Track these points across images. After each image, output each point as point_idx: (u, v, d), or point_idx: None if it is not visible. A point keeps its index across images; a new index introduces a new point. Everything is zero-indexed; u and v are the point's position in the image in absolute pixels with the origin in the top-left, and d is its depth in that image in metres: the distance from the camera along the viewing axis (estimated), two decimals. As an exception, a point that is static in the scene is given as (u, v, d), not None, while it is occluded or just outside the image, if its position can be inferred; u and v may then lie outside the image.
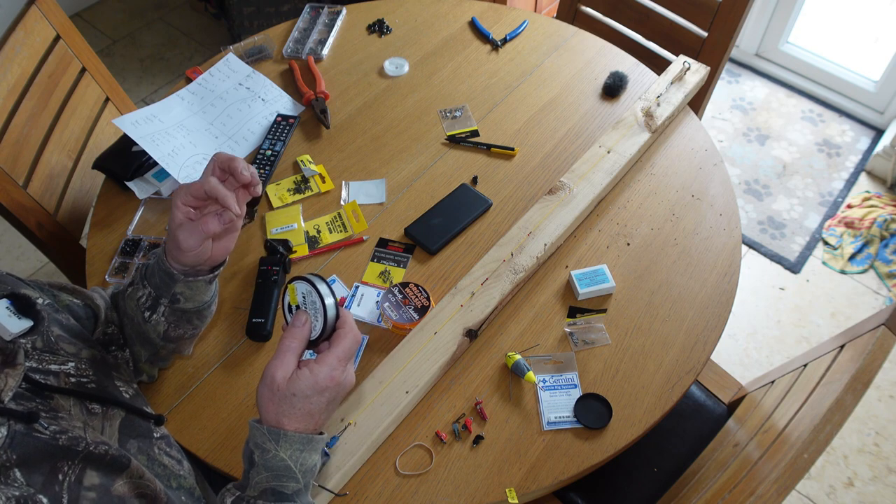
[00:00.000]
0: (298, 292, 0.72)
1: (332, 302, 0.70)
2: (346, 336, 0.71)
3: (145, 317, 0.84)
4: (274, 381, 0.68)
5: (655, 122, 1.26)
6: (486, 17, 1.54)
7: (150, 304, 0.83)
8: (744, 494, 0.79)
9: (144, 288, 0.83)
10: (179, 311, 0.84)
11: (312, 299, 0.70)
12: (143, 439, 0.78)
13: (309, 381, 0.68)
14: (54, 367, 0.71)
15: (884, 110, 2.41)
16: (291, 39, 1.48)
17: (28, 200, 1.27)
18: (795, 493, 1.68)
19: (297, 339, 0.70)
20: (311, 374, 0.68)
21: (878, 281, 2.05)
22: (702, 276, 1.10)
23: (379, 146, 1.30)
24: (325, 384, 0.68)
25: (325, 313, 0.69)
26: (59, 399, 0.68)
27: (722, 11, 1.51)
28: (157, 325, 0.85)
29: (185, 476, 0.82)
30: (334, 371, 0.69)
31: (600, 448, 0.93)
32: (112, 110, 1.49)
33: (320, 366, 0.69)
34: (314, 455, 0.70)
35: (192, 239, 0.76)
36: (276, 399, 0.68)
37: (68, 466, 0.62)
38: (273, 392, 0.68)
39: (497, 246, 1.10)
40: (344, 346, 0.70)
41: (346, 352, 0.70)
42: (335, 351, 0.70)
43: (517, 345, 1.03)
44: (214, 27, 2.84)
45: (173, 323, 0.85)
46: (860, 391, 0.79)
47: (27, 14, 1.27)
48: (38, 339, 0.71)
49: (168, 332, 0.86)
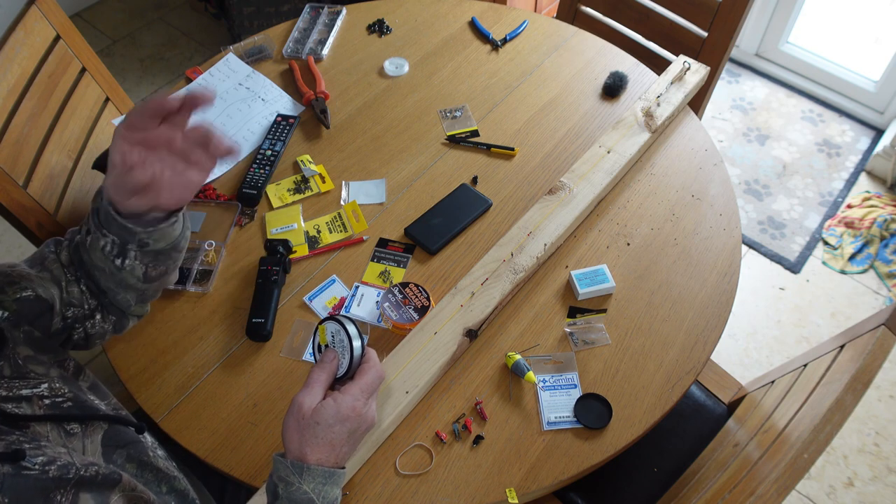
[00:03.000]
0: (328, 332, 0.77)
1: (360, 343, 0.75)
2: (370, 371, 0.75)
3: (117, 265, 0.76)
4: (301, 409, 0.71)
5: (655, 122, 1.26)
6: (486, 17, 1.54)
7: (118, 252, 0.75)
8: (744, 494, 0.79)
9: (105, 237, 0.74)
10: (152, 252, 0.76)
11: (341, 338, 0.75)
12: (130, 447, 0.76)
13: (332, 410, 0.71)
14: (26, 392, 0.68)
15: (884, 110, 2.41)
16: (291, 39, 1.48)
17: (28, 200, 1.27)
18: (795, 493, 1.68)
19: (325, 372, 0.74)
20: (335, 402, 0.72)
21: (878, 281, 2.05)
22: (702, 276, 1.10)
23: (379, 146, 1.30)
24: (347, 413, 0.72)
25: (352, 351, 0.74)
26: (35, 427, 0.67)
27: (722, 11, 1.51)
28: (133, 269, 0.77)
29: (177, 478, 0.82)
30: (356, 402, 0.73)
31: (600, 448, 0.93)
32: (112, 110, 1.49)
33: (343, 395, 0.73)
34: (335, 489, 0.72)
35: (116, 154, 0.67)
36: (300, 427, 0.71)
37: (61, 495, 0.61)
38: (298, 420, 0.71)
39: (497, 246, 1.10)
40: (367, 380, 0.74)
41: (368, 384, 0.74)
42: (358, 383, 0.74)
43: (517, 345, 1.03)
44: (214, 27, 2.84)
45: (150, 263, 0.78)
46: (860, 391, 0.79)
47: (27, 14, 1.27)
48: (4, 366, 0.68)
49: (148, 272, 0.78)
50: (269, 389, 0.99)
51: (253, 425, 0.96)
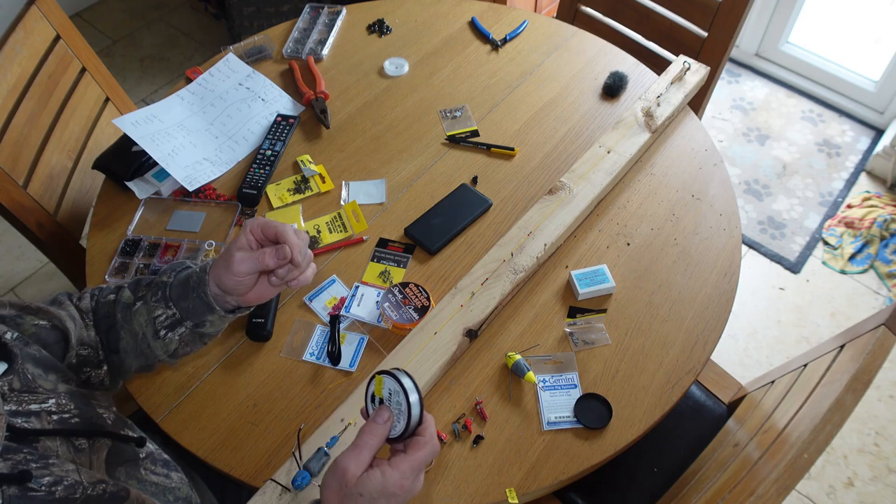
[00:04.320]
0: (385, 387, 0.70)
1: (419, 410, 0.69)
2: (425, 446, 0.69)
3: (160, 335, 0.83)
4: (345, 476, 0.66)
5: (655, 122, 1.26)
6: (486, 17, 1.54)
7: (170, 324, 0.82)
8: (744, 494, 0.79)
9: (168, 308, 0.82)
10: (199, 333, 0.85)
11: (398, 400, 0.68)
12: (130, 464, 0.77)
13: (378, 484, 0.66)
14: (34, 407, 0.69)
15: (884, 110, 2.41)
16: (291, 39, 1.48)
17: (28, 200, 1.27)
18: (795, 493, 1.68)
19: (376, 436, 0.68)
20: (383, 476, 0.66)
21: (878, 281, 2.05)
22: (702, 276, 1.10)
23: (379, 146, 1.30)
24: (394, 490, 0.66)
25: (409, 419, 0.68)
26: (45, 441, 0.66)
27: (722, 11, 1.51)
28: (169, 343, 0.84)
29: (178, 487, 0.82)
30: (405, 479, 0.67)
31: (600, 448, 0.93)
32: (112, 110, 1.49)
33: (393, 470, 0.67)
34: None
35: (244, 265, 0.78)
36: (342, 494, 0.66)
37: None
38: (341, 486, 0.66)
39: (497, 246, 1.10)
40: (420, 456, 0.69)
41: (420, 461, 0.69)
42: (410, 458, 0.68)
43: (517, 345, 1.03)
44: (214, 27, 2.84)
45: (186, 342, 0.85)
46: (860, 391, 0.79)
47: (27, 14, 1.27)
48: (14, 380, 0.68)
49: (178, 350, 0.85)
50: (269, 389, 0.99)
51: (253, 425, 0.96)
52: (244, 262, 0.78)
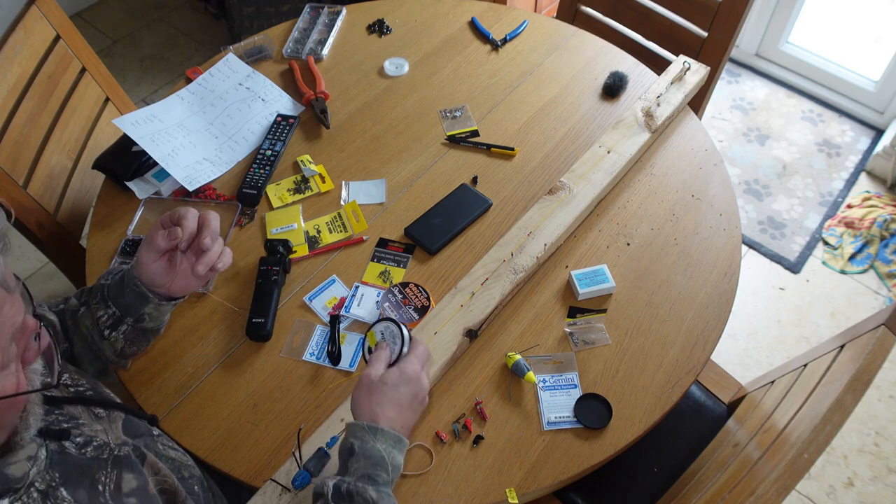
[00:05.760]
0: (377, 332, 0.86)
1: (407, 330, 0.85)
2: (418, 345, 0.85)
3: (104, 334, 0.88)
4: (369, 377, 0.80)
5: (655, 122, 1.26)
6: (486, 17, 1.54)
7: (112, 323, 0.87)
8: (744, 494, 0.79)
9: (108, 308, 0.87)
10: (141, 329, 0.90)
11: (392, 331, 0.85)
12: (147, 437, 0.80)
13: (397, 373, 0.80)
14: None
15: (884, 110, 2.41)
16: (291, 39, 1.48)
17: (28, 200, 1.27)
18: (795, 493, 1.68)
19: (385, 351, 0.84)
20: (398, 367, 0.81)
21: (878, 281, 2.05)
22: (702, 276, 1.10)
23: (379, 146, 1.30)
24: (410, 375, 0.81)
25: (403, 336, 0.84)
26: (68, 409, 0.71)
27: (722, 11, 1.51)
28: (115, 342, 0.89)
29: (193, 466, 0.85)
30: (415, 366, 0.82)
31: (600, 448, 0.93)
32: (112, 110, 1.49)
33: (404, 362, 0.82)
34: (400, 456, 0.77)
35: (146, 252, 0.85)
36: (370, 391, 0.79)
37: (105, 475, 0.66)
38: (368, 387, 0.79)
39: (497, 246, 1.10)
40: (419, 350, 0.84)
41: (421, 353, 0.84)
42: (412, 352, 0.84)
43: (517, 345, 1.03)
44: (214, 27, 2.84)
45: (131, 340, 0.90)
46: (860, 391, 0.79)
47: (27, 14, 1.27)
48: None
49: (124, 348, 0.90)
50: (269, 389, 0.99)
51: (253, 425, 0.96)
52: (146, 249, 0.84)
